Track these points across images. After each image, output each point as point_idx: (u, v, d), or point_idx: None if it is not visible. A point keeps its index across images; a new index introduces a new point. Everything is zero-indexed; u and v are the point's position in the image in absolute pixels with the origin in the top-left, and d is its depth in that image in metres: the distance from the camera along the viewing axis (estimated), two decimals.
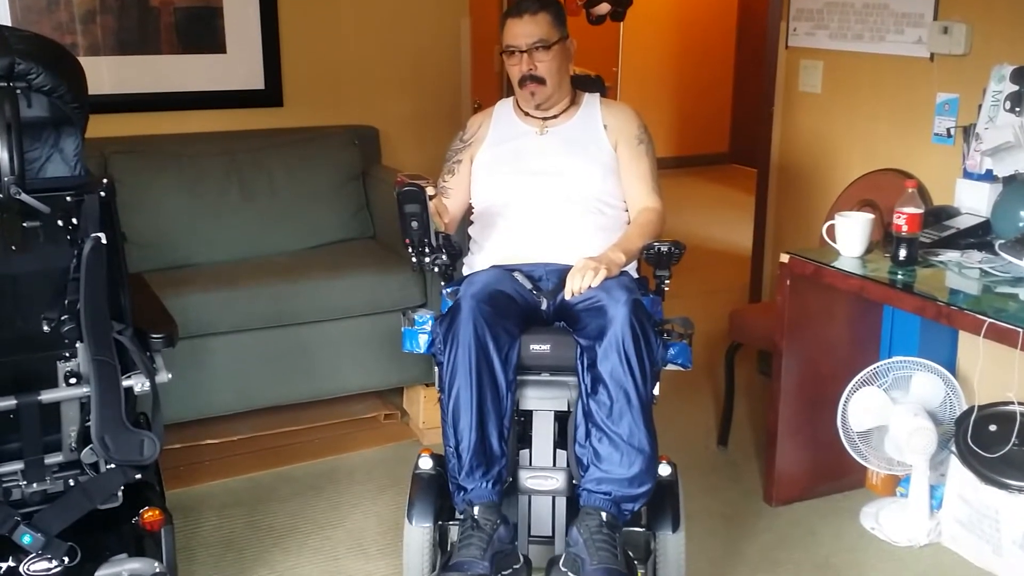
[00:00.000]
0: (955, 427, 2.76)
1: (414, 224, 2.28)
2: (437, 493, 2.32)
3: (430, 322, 2.44)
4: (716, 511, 3.05)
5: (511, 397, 2.27)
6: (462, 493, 2.23)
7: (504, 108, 2.75)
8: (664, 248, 2.38)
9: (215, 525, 2.96)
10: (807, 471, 3.09)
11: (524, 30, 2.54)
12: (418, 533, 2.29)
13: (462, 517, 2.20)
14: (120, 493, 2.15)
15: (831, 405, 2.90)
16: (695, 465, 3.26)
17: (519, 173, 2.60)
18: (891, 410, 2.83)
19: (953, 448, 2.74)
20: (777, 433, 3.02)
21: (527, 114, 2.67)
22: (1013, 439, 2.58)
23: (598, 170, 2.60)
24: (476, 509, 2.17)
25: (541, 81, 2.56)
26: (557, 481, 2.28)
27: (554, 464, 2.33)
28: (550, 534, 2.32)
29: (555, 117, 2.66)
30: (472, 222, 2.71)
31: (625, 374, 2.19)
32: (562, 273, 2.46)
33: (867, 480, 3.18)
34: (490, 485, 2.22)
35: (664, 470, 2.34)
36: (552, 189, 2.56)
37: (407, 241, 2.33)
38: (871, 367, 2.88)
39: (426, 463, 2.37)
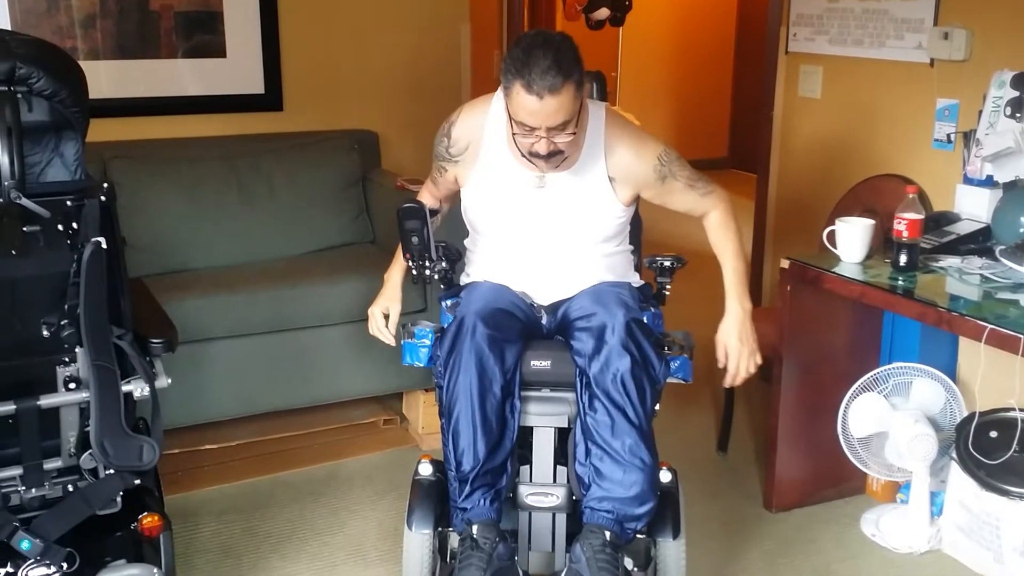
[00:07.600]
0: (956, 433, 2.76)
1: (414, 239, 2.31)
2: (437, 499, 2.31)
3: (430, 335, 2.42)
4: (716, 517, 3.04)
5: (514, 419, 2.25)
6: (461, 513, 2.21)
7: (494, 133, 2.34)
8: (667, 263, 2.41)
9: (214, 531, 2.95)
10: (807, 477, 3.08)
11: (546, 109, 2.08)
12: (418, 539, 2.29)
13: (461, 536, 2.18)
14: (119, 498, 2.13)
15: (831, 411, 2.89)
16: (695, 471, 3.25)
17: (513, 224, 2.39)
18: (891, 416, 2.82)
19: (954, 455, 2.74)
20: (777, 439, 3.02)
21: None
22: (1014, 446, 2.58)
23: (598, 230, 2.38)
24: (475, 528, 2.15)
25: (562, 153, 2.20)
26: (557, 498, 2.27)
27: (554, 480, 2.32)
28: (550, 549, 2.31)
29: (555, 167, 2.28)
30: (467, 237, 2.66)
31: (623, 393, 2.17)
32: (557, 302, 2.39)
33: (867, 486, 3.17)
34: (488, 503, 2.21)
35: (664, 476, 2.33)
36: (549, 239, 2.38)
37: (407, 255, 2.35)
38: (871, 373, 2.88)
39: (426, 469, 2.36)
